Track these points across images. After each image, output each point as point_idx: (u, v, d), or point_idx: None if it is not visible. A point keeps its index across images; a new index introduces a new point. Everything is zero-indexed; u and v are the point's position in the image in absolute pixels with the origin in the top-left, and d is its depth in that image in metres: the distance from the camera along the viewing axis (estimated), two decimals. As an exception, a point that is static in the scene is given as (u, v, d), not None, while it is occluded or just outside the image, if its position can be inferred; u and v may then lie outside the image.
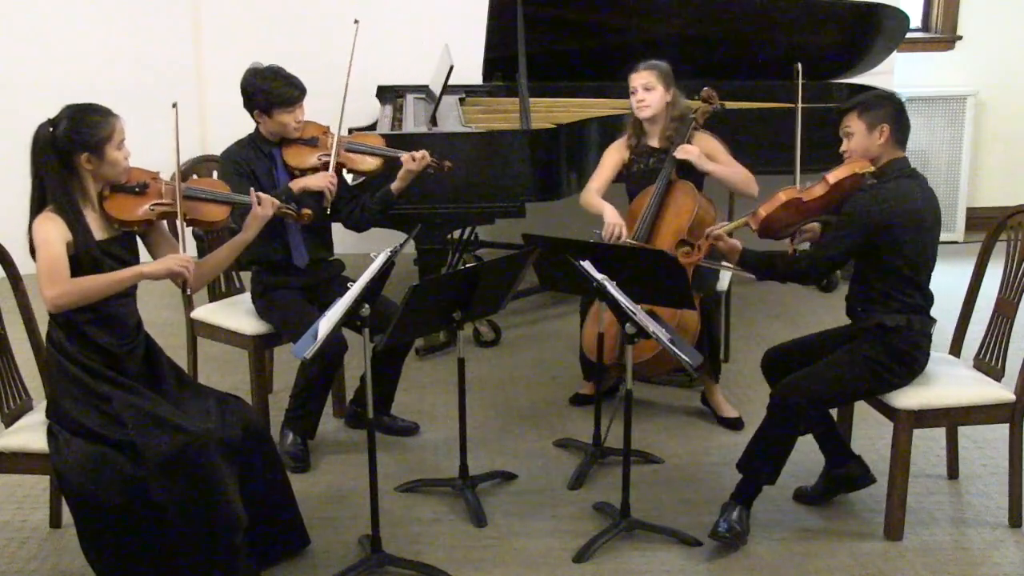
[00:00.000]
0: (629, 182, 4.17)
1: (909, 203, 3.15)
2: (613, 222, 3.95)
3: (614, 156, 4.19)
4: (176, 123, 3.05)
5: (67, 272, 2.78)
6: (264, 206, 3.23)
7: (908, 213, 3.14)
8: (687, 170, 4.04)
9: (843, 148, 3.27)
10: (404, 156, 3.84)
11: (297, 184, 3.72)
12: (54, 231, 2.79)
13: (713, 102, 4.14)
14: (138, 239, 3.07)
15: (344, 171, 3.90)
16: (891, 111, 3.21)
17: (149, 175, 3.02)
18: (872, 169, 3.19)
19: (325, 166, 3.77)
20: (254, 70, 3.73)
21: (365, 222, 3.97)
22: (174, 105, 3.05)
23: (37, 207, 2.85)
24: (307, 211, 3.50)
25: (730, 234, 3.36)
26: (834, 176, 3.19)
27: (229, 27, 6.01)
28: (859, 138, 3.22)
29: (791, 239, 3.42)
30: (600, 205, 4.04)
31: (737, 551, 3.23)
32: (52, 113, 2.86)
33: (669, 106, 4.04)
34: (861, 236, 3.15)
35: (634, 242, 3.92)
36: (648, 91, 4.00)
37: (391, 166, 3.91)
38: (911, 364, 3.23)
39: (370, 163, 3.92)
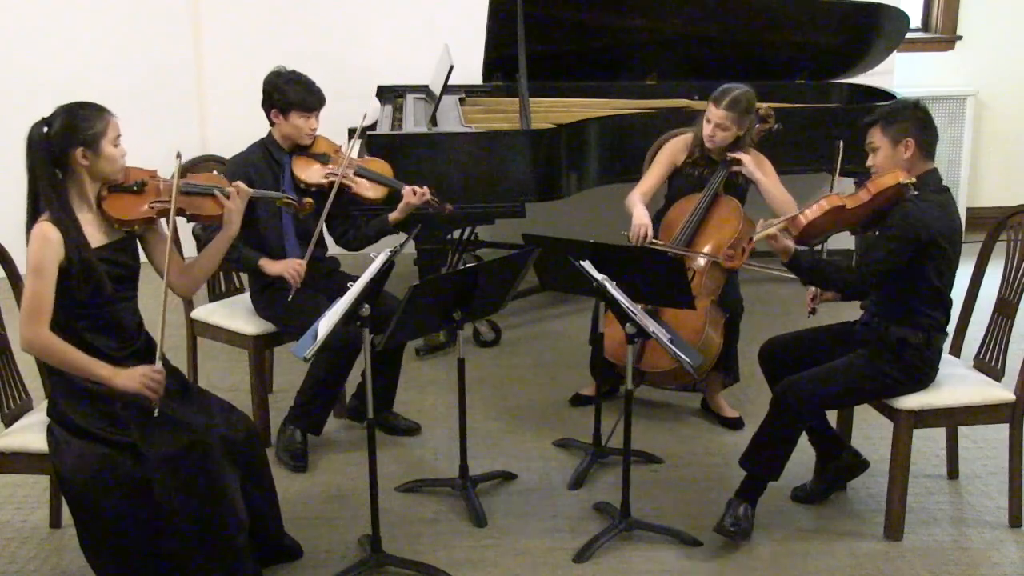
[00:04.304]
0: (674, 180, 4.11)
1: (951, 219, 3.11)
2: (639, 223, 3.91)
3: (669, 158, 4.09)
4: (177, 172, 2.94)
5: (48, 314, 2.77)
6: (233, 199, 3.10)
7: (951, 230, 3.10)
8: (730, 189, 4.01)
9: (869, 163, 3.20)
10: (406, 189, 3.85)
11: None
12: (50, 255, 2.75)
13: (770, 122, 4.08)
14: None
15: (348, 192, 3.85)
16: (915, 122, 3.13)
17: (147, 173, 3.01)
18: (913, 180, 3.10)
19: (331, 185, 3.75)
20: (278, 72, 3.79)
21: (357, 243, 3.98)
22: (178, 155, 2.97)
23: (33, 209, 2.83)
24: (308, 200, 3.52)
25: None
26: (876, 185, 3.10)
27: (229, 27, 6.01)
28: (885, 154, 3.15)
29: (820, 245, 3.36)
30: (632, 206, 3.99)
31: (737, 550, 3.23)
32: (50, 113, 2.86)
33: (736, 135, 3.97)
34: (912, 248, 3.07)
35: (660, 243, 3.89)
36: (722, 130, 3.92)
37: (392, 197, 3.90)
38: (923, 379, 3.24)
39: (374, 192, 3.90)
